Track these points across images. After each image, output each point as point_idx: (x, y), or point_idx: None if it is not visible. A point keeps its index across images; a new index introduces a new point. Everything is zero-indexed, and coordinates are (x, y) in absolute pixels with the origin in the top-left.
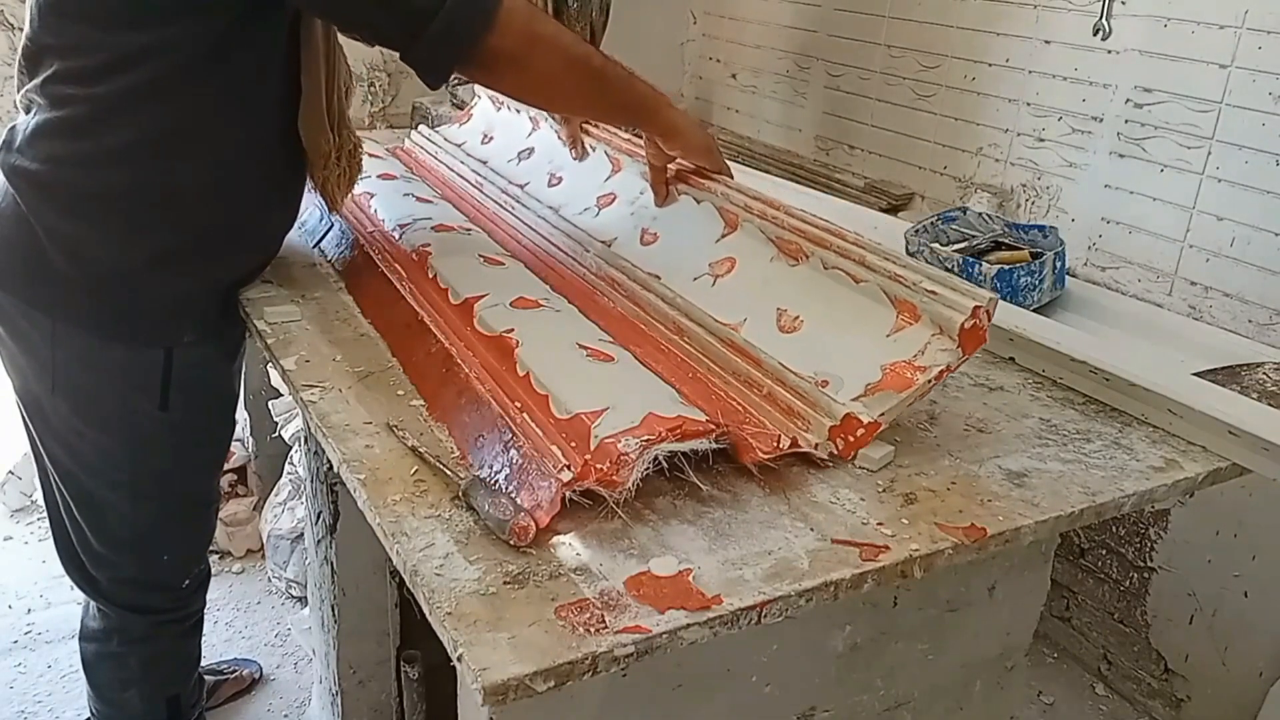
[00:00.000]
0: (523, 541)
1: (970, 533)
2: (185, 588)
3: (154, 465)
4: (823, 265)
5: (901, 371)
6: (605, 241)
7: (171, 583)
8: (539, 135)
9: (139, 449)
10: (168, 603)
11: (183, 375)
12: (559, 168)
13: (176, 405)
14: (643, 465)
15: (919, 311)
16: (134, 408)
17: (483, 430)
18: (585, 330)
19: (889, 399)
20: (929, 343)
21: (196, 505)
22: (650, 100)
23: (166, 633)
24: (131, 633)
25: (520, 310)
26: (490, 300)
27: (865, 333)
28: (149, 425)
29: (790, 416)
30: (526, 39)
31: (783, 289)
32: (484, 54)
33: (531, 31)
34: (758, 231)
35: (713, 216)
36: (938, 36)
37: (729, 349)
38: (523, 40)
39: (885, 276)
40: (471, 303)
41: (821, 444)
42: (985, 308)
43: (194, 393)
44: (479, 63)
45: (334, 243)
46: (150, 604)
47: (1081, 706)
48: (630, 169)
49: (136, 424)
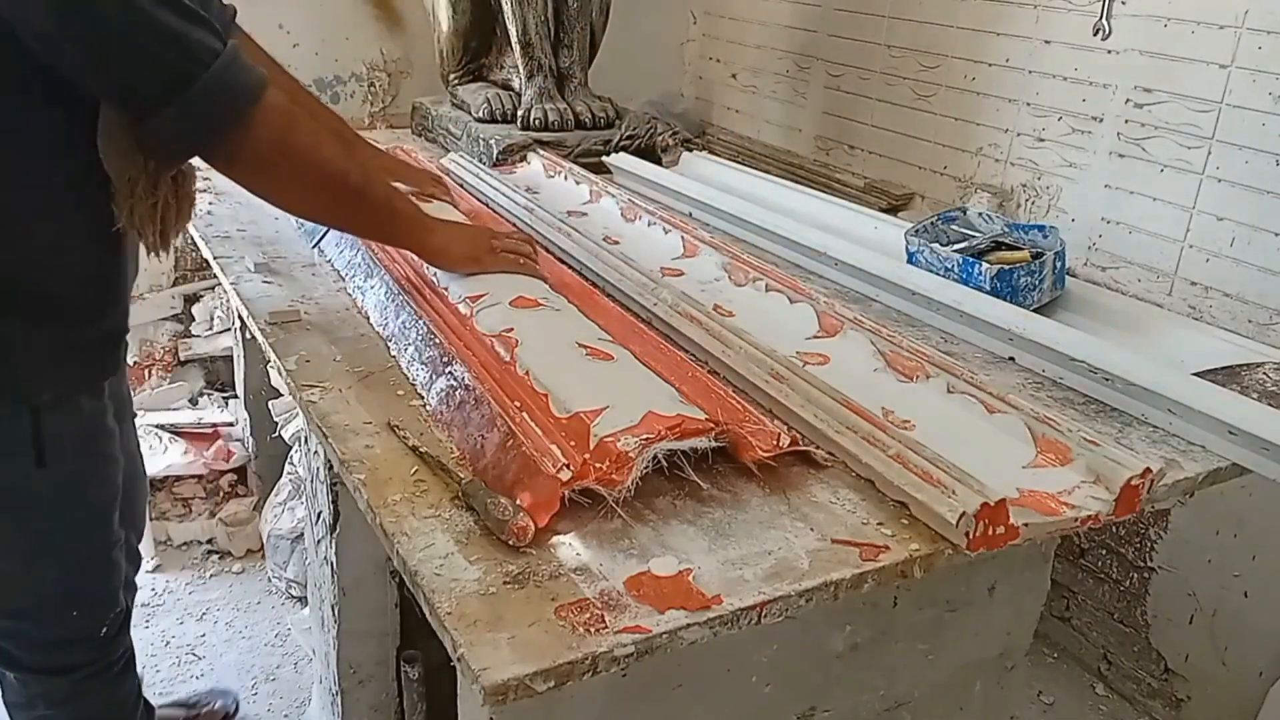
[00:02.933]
0: (522, 541)
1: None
2: (104, 635)
3: (41, 525)
4: (947, 389)
5: (1043, 500)
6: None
7: (87, 635)
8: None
9: (23, 513)
10: (88, 655)
11: (55, 427)
12: (617, 233)
13: (54, 460)
14: (642, 464)
15: (1071, 456)
16: (8, 471)
17: (482, 430)
18: (585, 329)
19: (1031, 515)
20: (1078, 487)
21: (98, 552)
22: (410, 222)
23: (93, 685)
24: (56, 695)
25: (520, 309)
26: (489, 300)
27: (996, 456)
28: (29, 486)
29: (925, 479)
30: (277, 147)
31: (889, 394)
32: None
33: (284, 142)
34: (866, 343)
35: (808, 317)
36: (938, 36)
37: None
38: (272, 147)
39: (1031, 416)
40: (471, 302)
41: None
42: (1155, 476)
43: (71, 441)
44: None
45: (334, 242)
46: (68, 662)
47: (1081, 706)
48: (708, 256)
49: (14, 487)
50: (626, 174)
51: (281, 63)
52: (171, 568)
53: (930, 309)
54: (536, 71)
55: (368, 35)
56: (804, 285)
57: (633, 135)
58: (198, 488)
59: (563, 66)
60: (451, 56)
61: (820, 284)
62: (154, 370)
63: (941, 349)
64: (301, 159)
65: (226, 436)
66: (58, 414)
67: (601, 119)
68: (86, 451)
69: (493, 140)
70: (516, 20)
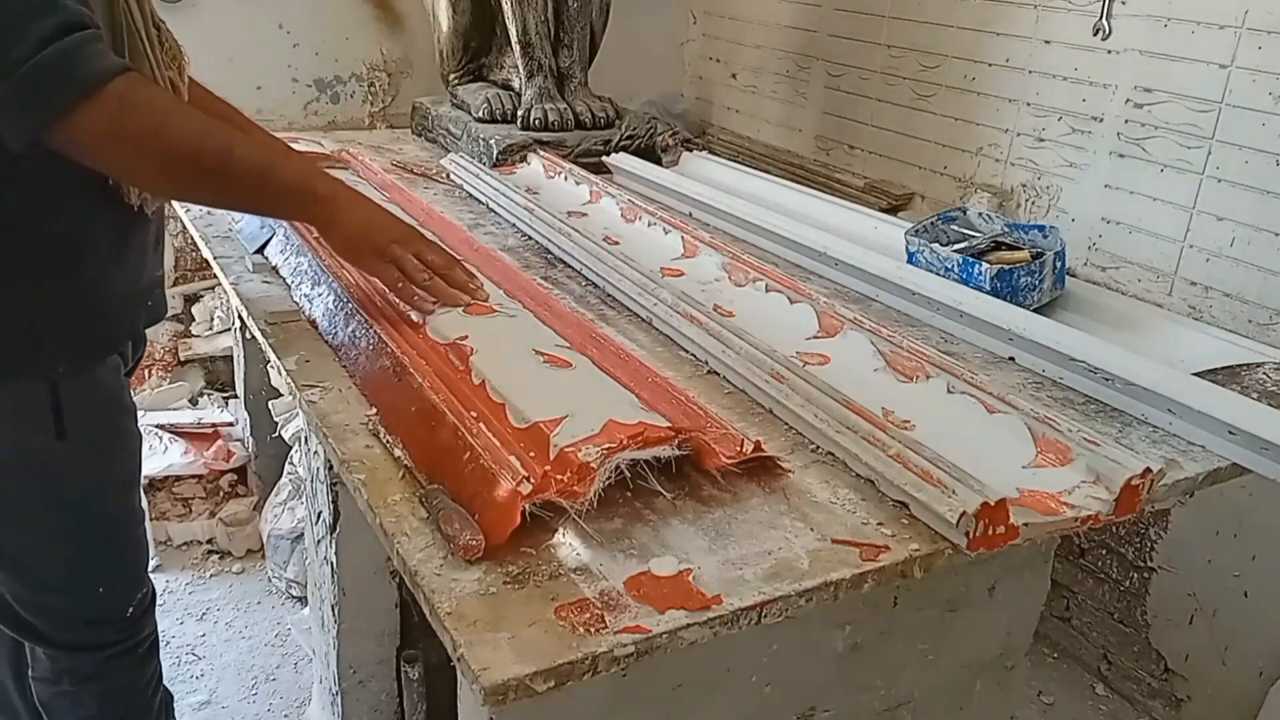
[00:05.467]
0: (471, 559)
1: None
2: (130, 616)
3: (65, 498)
4: (947, 389)
5: (1044, 500)
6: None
7: (113, 614)
8: (596, 205)
9: (45, 485)
10: (114, 635)
11: (73, 399)
12: (617, 234)
13: (74, 431)
14: (604, 475)
15: (1071, 456)
16: (30, 444)
17: (438, 441)
18: (542, 336)
19: (1032, 515)
20: (1078, 487)
21: (121, 528)
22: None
23: (119, 665)
24: (81, 672)
25: (474, 316)
26: (442, 306)
27: (996, 456)
28: (50, 458)
29: (925, 478)
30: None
31: (889, 395)
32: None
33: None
34: (866, 343)
35: (808, 317)
36: (938, 36)
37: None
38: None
39: (1031, 416)
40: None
41: (964, 517)
42: (1155, 476)
43: (89, 413)
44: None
45: (279, 249)
46: (95, 640)
47: (1081, 706)
48: (708, 256)
49: (36, 461)
50: (626, 174)
51: (281, 63)
52: (171, 568)
53: (930, 309)
54: (536, 71)
55: (368, 35)
56: (804, 285)
57: (633, 135)
58: (198, 488)
59: (563, 66)
60: (451, 56)
61: (820, 284)
62: (154, 370)
63: (941, 349)
64: (139, 143)
65: (226, 436)
66: (75, 385)
67: (601, 119)
68: (105, 424)
69: (493, 140)
70: (516, 20)
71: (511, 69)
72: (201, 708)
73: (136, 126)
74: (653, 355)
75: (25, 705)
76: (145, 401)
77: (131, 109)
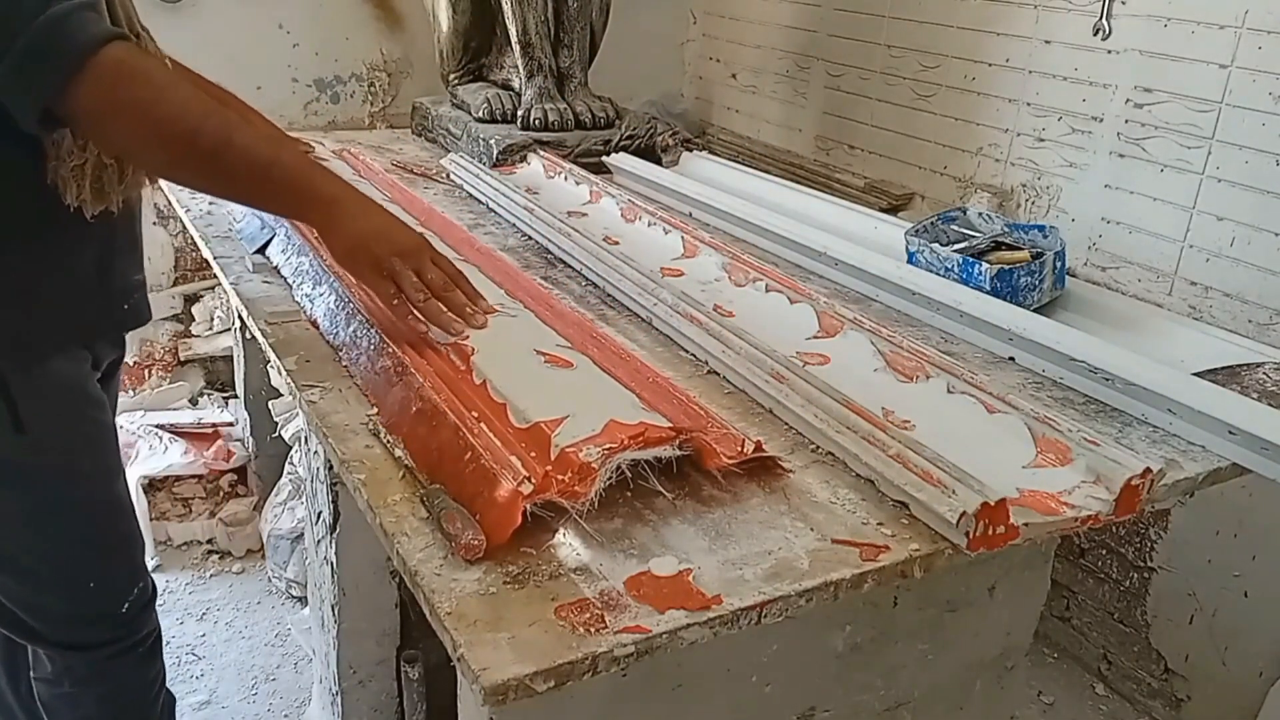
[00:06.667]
0: (472, 558)
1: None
2: (125, 612)
3: (36, 492)
4: (947, 389)
5: (1044, 500)
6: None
7: (108, 611)
8: (596, 205)
9: (14, 480)
10: (110, 633)
11: (26, 391)
12: (617, 234)
13: (33, 424)
14: (605, 475)
15: (1071, 456)
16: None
17: (439, 442)
18: (543, 336)
19: (1032, 515)
20: (1078, 487)
21: (106, 519)
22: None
23: (119, 665)
24: (80, 671)
25: None
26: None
27: (996, 456)
28: (14, 453)
29: (925, 478)
30: (109, 101)
31: (889, 395)
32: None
33: (115, 96)
34: (866, 343)
35: (808, 317)
36: (938, 36)
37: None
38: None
39: (1031, 416)
40: None
41: (964, 517)
42: (1155, 476)
43: (47, 405)
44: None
45: (280, 249)
46: (92, 638)
47: (1081, 706)
48: (708, 256)
49: (1, 456)
50: (626, 174)
51: (281, 63)
52: (171, 568)
53: (930, 309)
54: (536, 71)
55: (368, 35)
56: (804, 285)
57: (633, 135)
58: (198, 488)
59: (563, 66)
60: (451, 56)
61: (820, 284)
62: (154, 370)
63: (941, 349)
64: (137, 112)
65: (226, 436)
66: (26, 377)
67: (601, 119)
68: (69, 416)
69: (493, 140)
70: (516, 20)
71: (511, 69)
72: (201, 708)
73: (133, 94)
74: (653, 355)
75: (21, 707)
76: (145, 401)
77: (130, 76)
